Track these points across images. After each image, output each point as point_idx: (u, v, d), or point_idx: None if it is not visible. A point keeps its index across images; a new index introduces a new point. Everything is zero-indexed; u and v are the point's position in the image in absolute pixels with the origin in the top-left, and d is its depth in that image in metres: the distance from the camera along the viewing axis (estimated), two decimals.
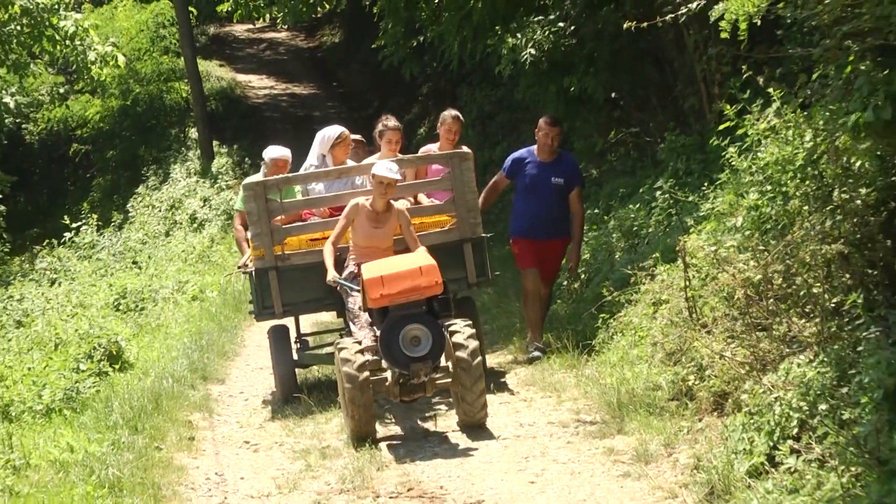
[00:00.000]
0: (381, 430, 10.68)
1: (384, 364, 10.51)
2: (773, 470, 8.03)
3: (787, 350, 8.83)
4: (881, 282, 8.38)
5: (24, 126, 32.32)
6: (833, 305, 8.63)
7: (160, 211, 28.67)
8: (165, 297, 20.43)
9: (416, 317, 10.20)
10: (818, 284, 8.89)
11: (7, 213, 26.92)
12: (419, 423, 11.15)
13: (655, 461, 9.33)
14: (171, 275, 22.17)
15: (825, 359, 8.16)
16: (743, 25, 9.39)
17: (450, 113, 13.25)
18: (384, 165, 11.35)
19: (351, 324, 11.41)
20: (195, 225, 27.18)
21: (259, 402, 12.85)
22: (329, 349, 13.48)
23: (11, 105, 28.84)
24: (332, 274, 11.23)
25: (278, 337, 12.74)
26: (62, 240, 26.51)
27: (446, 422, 10.89)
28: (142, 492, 9.11)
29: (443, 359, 10.49)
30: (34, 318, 18.90)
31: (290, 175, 12.72)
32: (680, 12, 11.26)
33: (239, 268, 13.73)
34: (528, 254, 13.42)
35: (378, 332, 10.53)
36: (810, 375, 8.14)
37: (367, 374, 10.17)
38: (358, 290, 10.86)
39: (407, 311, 10.20)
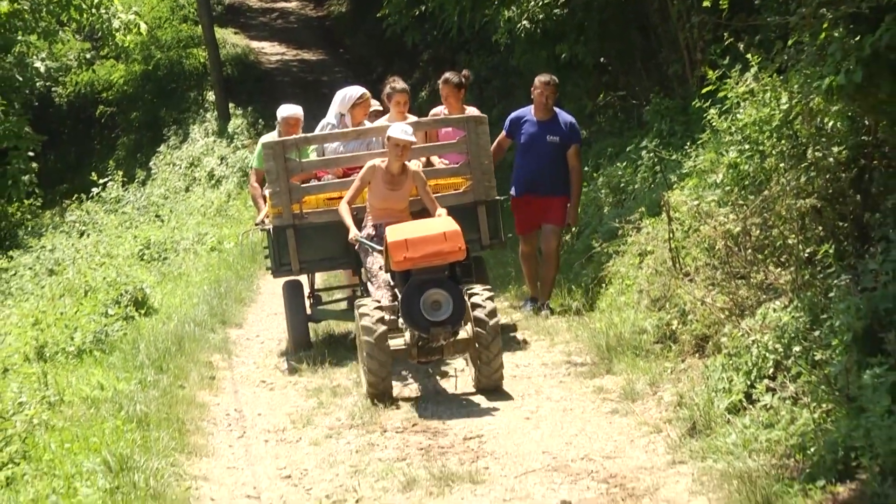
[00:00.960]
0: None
1: (402, 325, 9.95)
2: (750, 406, 8.07)
3: (764, 296, 8.87)
4: (851, 233, 8.40)
5: (53, 89, 32.25)
6: (806, 255, 8.66)
7: (180, 168, 28.66)
8: (186, 248, 20.45)
9: (438, 281, 9.61)
10: (793, 236, 8.92)
11: (38, 169, 26.87)
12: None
13: (641, 399, 9.38)
14: (191, 227, 22.18)
15: (799, 304, 8.19)
16: None
17: (443, 78, 12.66)
18: (399, 128, 10.77)
19: (368, 283, 10.89)
20: (213, 181, 27.16)
21: (274, 345, 12.86)
22: (342, 304, 13.35)
23: (42, 69, 28.84)
24: (353, 232, 10.76)
25: (292, 292, 12.20)
26: (90, 195, 26.46)
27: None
28: (167, 426, 9.14)
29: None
30: (65, 267, 18.91)
31: (310, 135, 12.26)
32: None
33: (256, 224, 13.03)
34: (526, 216, 12.81)
35: (396, 293, 10.10)
36: (785, 320, 8.18)
37: (385, 334, 9.63)
38: (380, 250, 10.39)
39: (429, 276, 9.62)
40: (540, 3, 17.13)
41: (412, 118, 12.05)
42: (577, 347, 11.13)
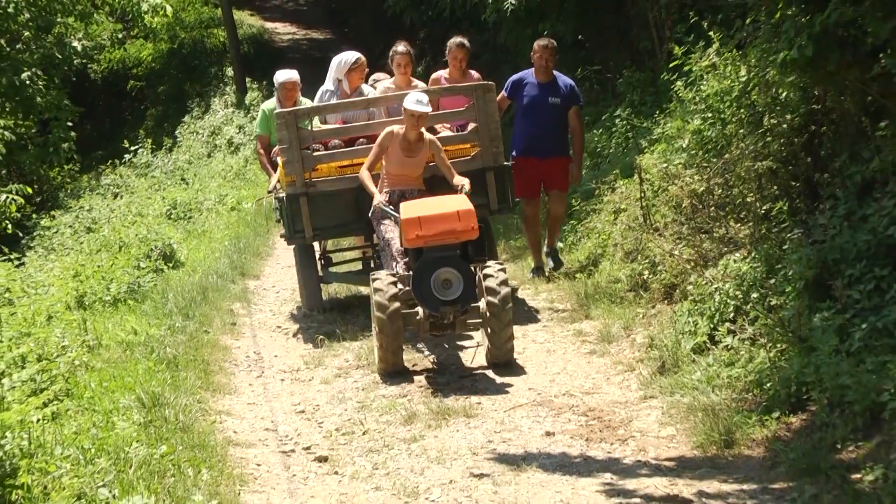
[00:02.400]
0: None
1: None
2: (713, 347, 8.11)
3: (725, 249, 8.88)
4: (803, 192, 8.41)
5: (89, 66, 32.04)
6: (763, 212, 8.68)
7: (203, 136, 28.51)
8: (209, 208, 20.39)
9: (450, 260, 8.72)
10: (751, 195, 8.93)
11: (77, 138, 26.77)
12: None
13: (616, 341, 9.40)
14: (213, 189, 22.10)
15: (756, 256, 8.22)
16: None
17: (454, 41, 11.54)
18: (414, 98, 9.74)
19: (382, 251, 9.98)
20: (232, 148, 27.06)
21: (288, 294, 12.82)
22: (348, 266, 12.67)
23: (79, 48, 28.65)
24: (378, 198, 9.73)
25: (304, 254, 11.31)
26: (122, 160, 26.49)
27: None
28: (194, 367, 9.15)
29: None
30: (101, 225, 18.88)
31: (321, 105, 11.06)
32: None
33: (270, 192, 11.86)
34: (529, 178, 11.58)
35: (408, 261, 9.30)
36: (744, 270, 8.19)
37: (397, 305, 8.73)
38: (397, 217, 9.43)
39: (441, 254, 8.73)
40: None
41: (417, 83, 11.33)
42: (559, 295, 11.13)
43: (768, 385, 7.17)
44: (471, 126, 10.83)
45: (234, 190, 22.01)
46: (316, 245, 11.94)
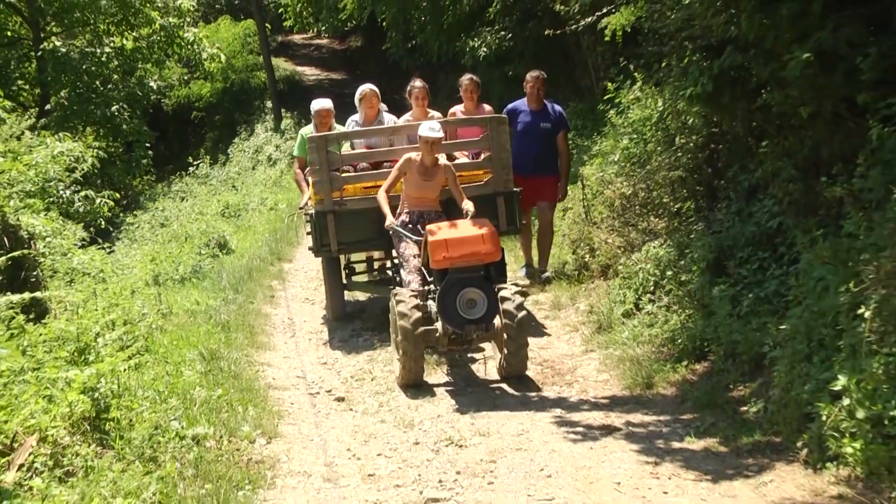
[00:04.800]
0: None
1: (434, 313, 7.59)
2: (637, 312, 8.13)
3: (647, 238, 8.91)
4: (705, 195, 8.45)
5: (162, 100, 31.84)
6: (675, 210, 8.71)
7: (248, 154, 28.35)
8: (253, 208, 20.32)
9: (474, 281, 7.38)
10: (666, 196, 8.95)
11: (153, 155, 26.79)
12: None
13: (564, 308, 9.41)
14: (257, 194, 22.00)
15: (670, 243, 8.24)
16: (619, 33, 9.35)
17: (465, 77, 10.16)
18: (427, 126, 8.39)
19: (400, 267, 8.54)
20: (271, 162, 26.92)
21: (314, 274, 12.77)
22: (370, 275, 11.12)
23: (155, 87, 28.71)
24: (390, 219, 8.32)
25: (330, 267, 9.90)
26: (188, 172, 26.47)
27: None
28: (242, 329, 9.14)
29: None
30: (172, 222, 18.83)
31: (349, 130, 9.64)
32: (579, 24, 11.03)
33: (301, 209, 10.40)
34: (524, 194, 9.73)
35: (427, 277, 8.03)
36: (661, 254, 8.22)
37: (419, 323, 7.37)
38: (416, 239, 8.24)
39: (466, 275, 7.41)
40: (494, 38, 17.07)
41: (435, 114, 9.85)
42: (520, 275, 11.12)
43: (679, 341, 7.21)
44: (484, 154, 9.44)
45: (272, 195, 21.92)
46: (341, 257, 10.65)
